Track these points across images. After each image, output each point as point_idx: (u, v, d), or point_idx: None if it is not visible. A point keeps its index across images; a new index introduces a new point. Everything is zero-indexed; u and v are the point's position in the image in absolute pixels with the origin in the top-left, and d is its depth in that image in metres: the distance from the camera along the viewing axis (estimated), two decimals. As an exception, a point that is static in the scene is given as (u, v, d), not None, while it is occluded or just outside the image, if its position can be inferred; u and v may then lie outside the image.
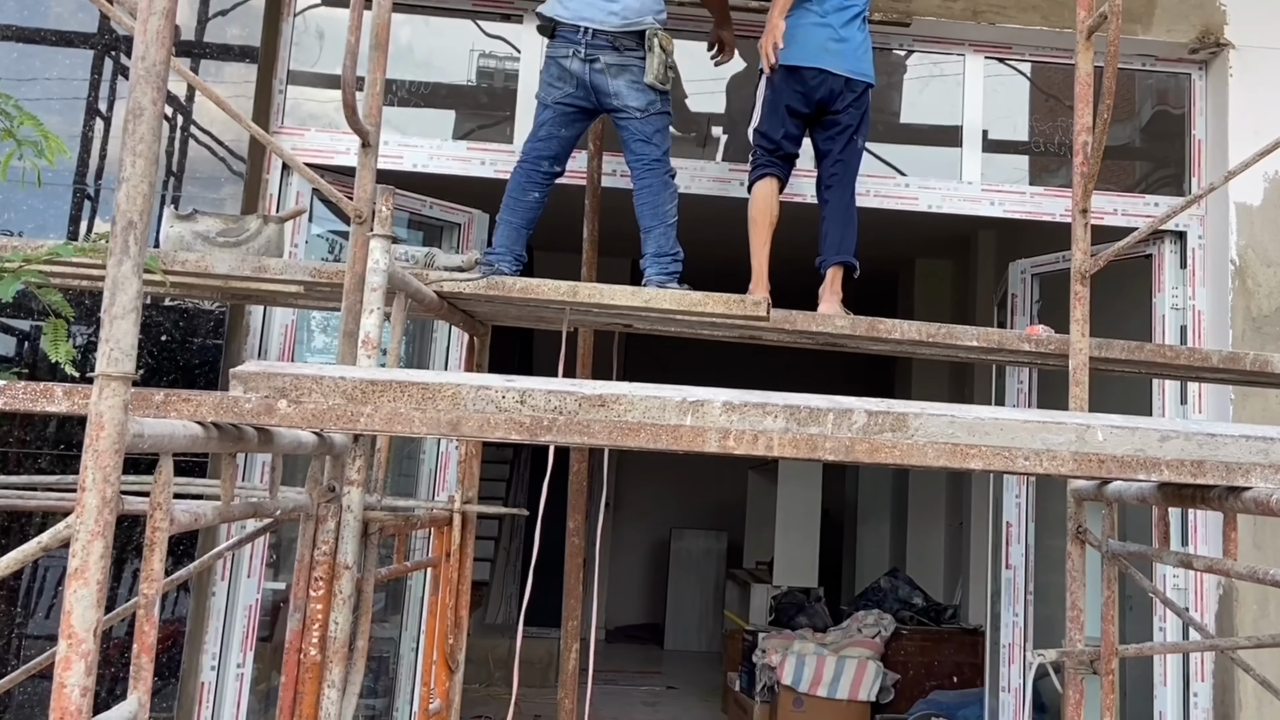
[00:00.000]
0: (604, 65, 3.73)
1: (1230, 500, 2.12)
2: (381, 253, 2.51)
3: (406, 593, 4.42)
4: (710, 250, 4.96)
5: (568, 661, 4.39)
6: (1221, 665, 4.25)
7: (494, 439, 1.87)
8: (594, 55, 3.73)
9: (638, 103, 3.74)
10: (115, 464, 1.42)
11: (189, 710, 3.87)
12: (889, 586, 7.84)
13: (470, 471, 3.60)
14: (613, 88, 3.73)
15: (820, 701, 6.31)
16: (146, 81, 1.46)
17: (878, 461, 1.96)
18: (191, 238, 3.22)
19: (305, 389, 1.78)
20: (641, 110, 3.75)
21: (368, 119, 2.77)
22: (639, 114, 3.75)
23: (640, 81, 3.74)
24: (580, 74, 3.74)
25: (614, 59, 3.73)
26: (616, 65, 3.73)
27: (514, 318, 3.77)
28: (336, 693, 2.33)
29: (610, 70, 3.73)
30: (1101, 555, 2.82)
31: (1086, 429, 2.02)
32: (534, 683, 7.37)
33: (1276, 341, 4.36)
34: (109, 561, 1.44)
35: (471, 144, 4.48)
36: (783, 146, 4.00)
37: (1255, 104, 4.53)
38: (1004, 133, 5.03)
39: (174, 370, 3.94)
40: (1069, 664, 2.89)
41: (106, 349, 1.41)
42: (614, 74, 3.73)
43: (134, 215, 1.43)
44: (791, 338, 3.78)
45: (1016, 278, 5.15)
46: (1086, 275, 3.31)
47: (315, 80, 4.49)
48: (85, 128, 4.05)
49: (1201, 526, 4.40)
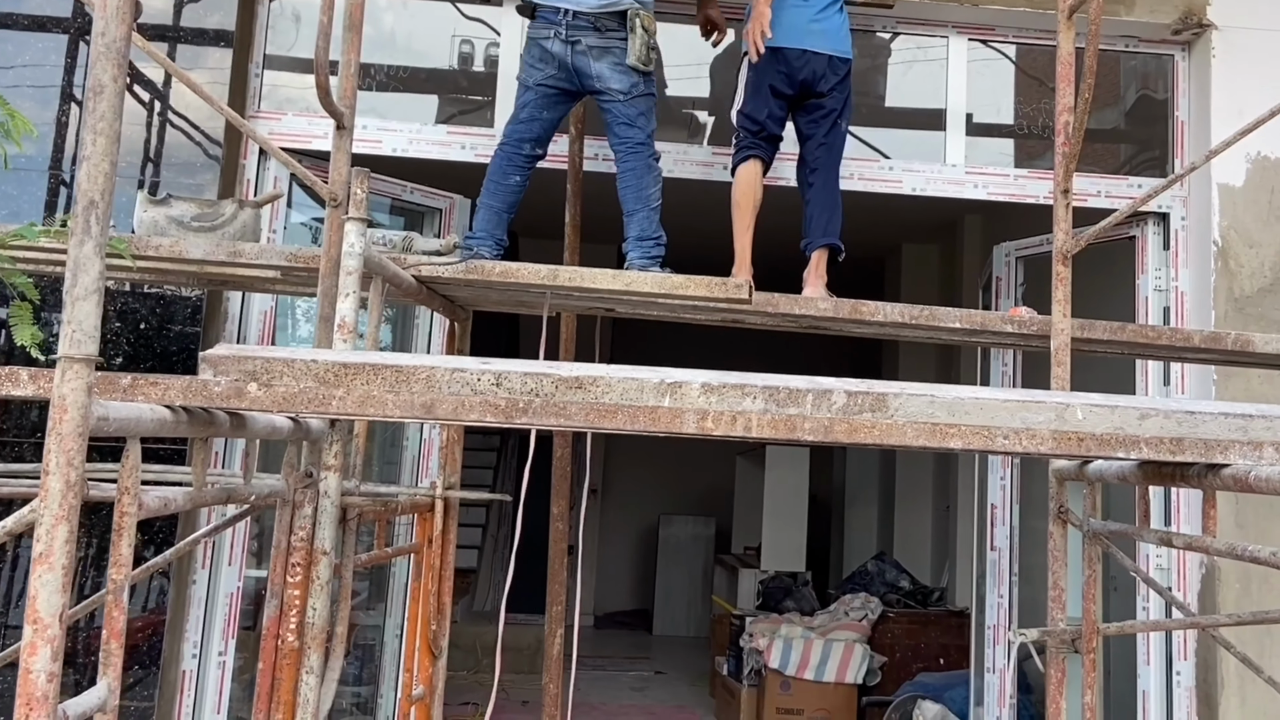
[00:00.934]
0: (585, 47, 3.69)
1: (1209, 478, 2.12)
2: (357, 236, 2.49)
3: (390, 580, 4.41)
4: (694, 235, 4.95)
5: (552, 647, 4.38)
6: (1204, 643, 4.27)
7: (469, 422, 1.86)
8: (575, 37, 3.68)
9: (620, 85, 3.71)
10: (79, 447, 1.40)
11: (170, 699, 3.85)
12: (876, 570, 7.86)
13: (452, 457, 3.59)
14: (595, 70, 3.69)
15: (807, 684, 6.32)
16: (107, 58, 1.43)
17: (857, 442, 1.95)
18: (166, 223, 3.19)
19: (276, 372, 1.76)
20: (624, 93, 3.71)
21: (342, 100, 2.74)
22: (622, 96, 3.71)
23: (623, 63, 3.69)
24: (561, 55, 3.70)
25: (595, 40, 3.69)
26: (598, 47, 3.69)
27: (494, 302, 3.75)
28: (315, 679, 2.32)
29: (592, 52, 3.69)
30: (1083, 535, 2.82)
31: (1066, 408, 2.01)
32: (522, 669, 7.37)
33: (1259, 322, 4.36)
34: (74, 546, 1.42)
35: (452, 128, 4.45)
36: (766, 128, 3.98)
37: (1237, 85, 4.52)
38: (988, 116, 5.02)
39: (151, 357, 3.91)
40: (1051, 643, 2.89)
41: (69, 331, 1.39)
42: (596, 56, 3.69)
43: (95, 195, 1.41)
44: (774, 321, 3.77)
45: (1001, 260, 5.15)
46: (1068, 256, 3.30)
47: (291, 64, 4.46)
48: (60, 113, 4.01)
49: (1184, 506, 4.41)
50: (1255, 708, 4.12)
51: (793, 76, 3.95)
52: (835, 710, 6.33)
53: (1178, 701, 4.34)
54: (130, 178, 3.98)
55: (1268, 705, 4.04)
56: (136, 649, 3.76)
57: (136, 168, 4.04)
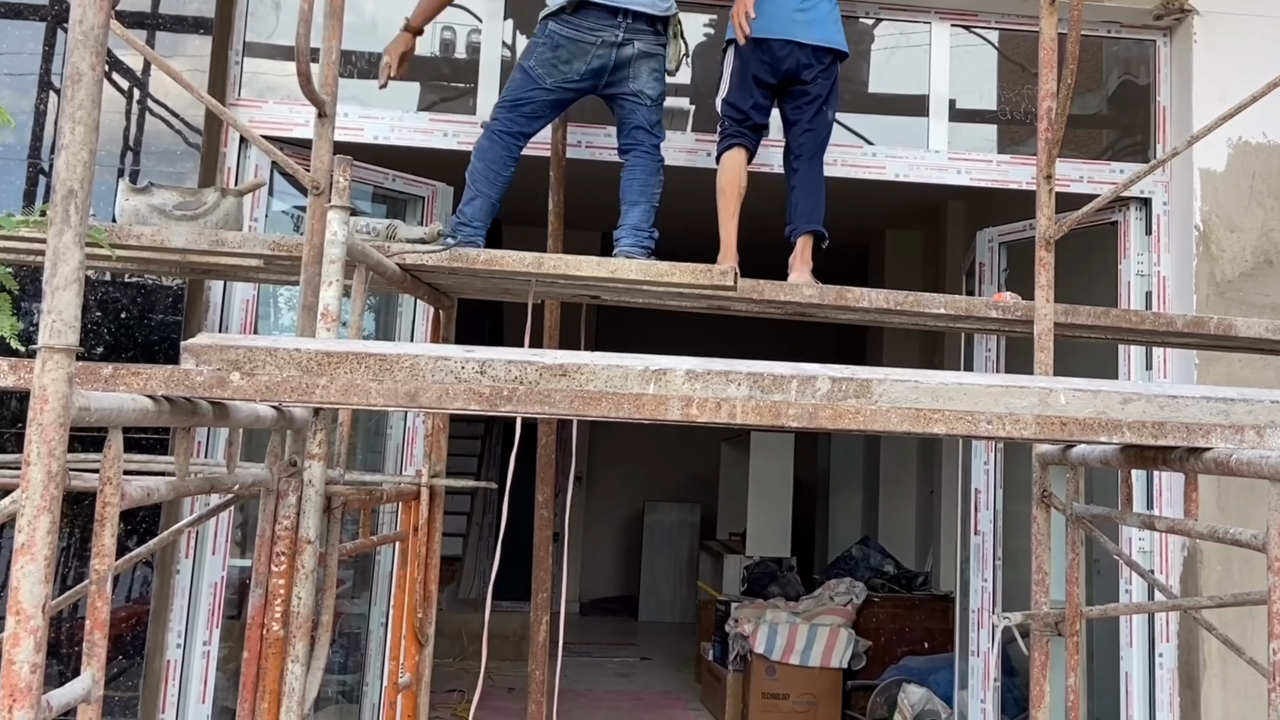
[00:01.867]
0: (636, 50, 3.68)
1: (1191, 461, 2.13)
2: (340, 224, 2.48)
3: (375, 568, 4.40)
4: (678, 222, 4.94)
5: (538, 634, 4.39)
6: (1186, 626, 4.30)
7: (453, 410, 1.86)
8: (630, 39, 3.67)
9: (653, 90, 3.75)
10: (60, 438, 1.39)
11: (155, 689, 3.85)
12: (861, 555, 7.89)
13: (437, 445, 3.58)
14: (632, 70, 3.69)
15: (793, 669, 6.35)
16: (85, 46, 1.42)
17: (842, 428, 1.95)
18: (147, 211, 3.17)
19: (259, 361, 1.76)
20: (654, 99, 3.75)
21: (324, 88, 2.72)
22: (650, 101, 3.74)
23: (661, 70, 3.73)
24: (606, 57, 3.65)
25: (648, 45, 3.71)
26: (647, 52, 3.71)
27: (479, 290, 3.74)
28: (300, 668, 2.31)
29: (640, 56, 3.69)
30: (1066, 519, 2.83)
31: (1049, 392, 2.02)
32: (508, 656, 7.38)
33: (1240, 306, 4.38)
34: (56, 537, 1.42)
35: (434, 116, 4.43)
36: (751, 117, 3.98)
37: (1219, 70, 4.54)
38: (971, 102, 5.02)
39: (133, 347, 3.89)
40: (1035, 627, 2.91)
41: (49, 321, 1.38)
42: (642, 59, 3.69)
43: (74, 184, 1.40)
44: (759, 307, 3.77)
45: (984, 246, 5.16)
46: (1051, 241, 3.31)
47: (272, 52, 4.42)
48: (38, 101, 3.98)
49: (1166, 490, 4.44)
50: (1237, 688, 4.15)
51: (776, 66, 3.94)
52: (820, 694, 6.36)
53: (1160, 683, 4.37)
54: (110, 166, 3.96)
55: (1249, 686, 4.08)
56: (121, 639, 3.75)
57: (116, 156, 4.01)
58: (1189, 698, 4.28)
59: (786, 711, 6.33)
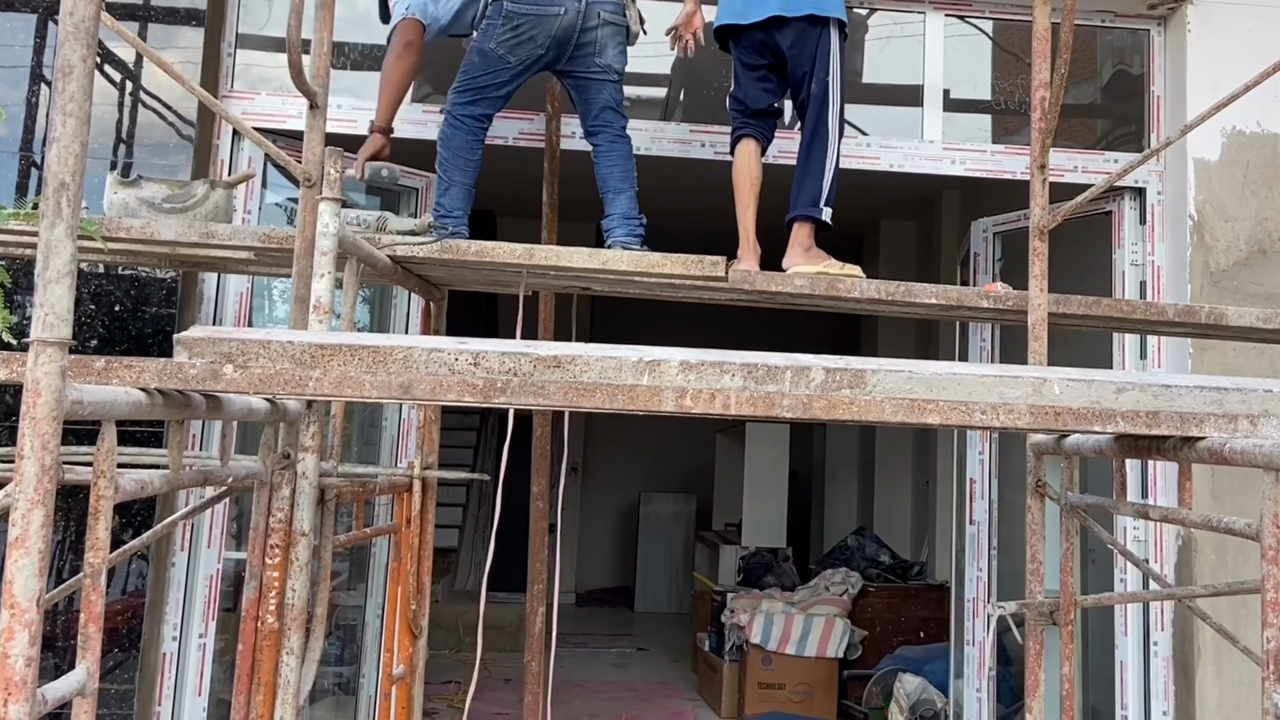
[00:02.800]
0: (600, 21, 3.65)
1: (1185, 450, 2.13)
2: (331, 216, 2.47)
3: (370, 560, 4.40)
4: (670, 213, 4.94)
5: (534, 625, 4.39)
6: (1181, 614, 4.31)
7: (447, 402, 1.85)
8: (596, 10, 3.65)
9: (620, 65, 3.72)
10: (54, 431, 1.39)
11: (151, 681, 3.85)
12: (856, 545, 7.90)
13: (430, 437, 3.58)
14: (598, 45, 3.66)
15: (789, 659, 6.37)
16: (75, 38, 1.41)
17: (836, 418, 1.95)
18: (137, 204, 3.16)
19: (252, 354, 1.75)
20: (619, 74, 3.73)
21: (315, 80, 2.71)
22: (617, 77, 3.72)
23: (624, 42, 3.70)
24: (570, 28, 3.62)
25: (611, 16, 3.68)
26: (612, 24, 3.68)
27: (471, 282, 3.73)
28: (295, 660, 2.32)
29: (605, 28, 3.66)
30: (1060, 508, 2.84)
31: (1043, 382, 2.02)
32: (504, 647, 7.39)
33: (1234, 295, 4.39)
34: (50, 531, 1.42)
35: (427, 107, 4.41)
36: (748, 104, 3.91)
37: (1213, 60, 4.53)
38: (966, 92, 5.02)
39: (126, 340, 3.88)
40: (1030, 616, 2.92)
41: (41, 314, 1.38)
42: (606, 30, 3.67)
43: (66, 176, 1.40)
44: (751, 298, 3.77)
45: (978, 236, 5.16)
46: (1045, 231, 3.31)
47: (265, 43, 4.41)
48: (29, 94, 3.96)
49: (1161, 479, 4.45)
50: (1231, 677, 4.17)
51: (756, 48, 3.87)
52: (816, 684, 6.38)
53: (1155, 672, 4.39)
54: (102, 159, 3.94)
55: (1243, 674, 4.09)
56: (116, 632, 3.75)
57: (109, 149, 4.00)
58: (1184, 686, 4.29)
59: (783, 701, 6.34)
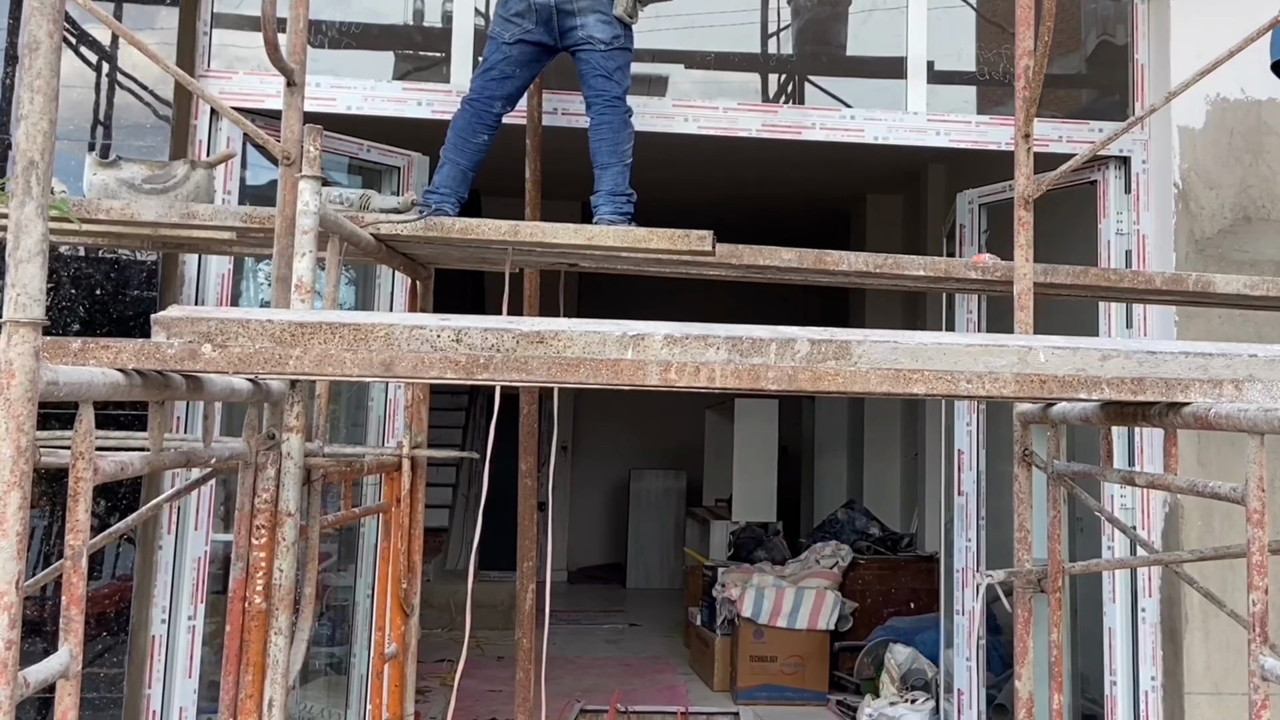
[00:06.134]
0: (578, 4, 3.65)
1: (1170, 416, 2.13)
2: (311, 194, 2.45)
3: (360, 540, 4.40)
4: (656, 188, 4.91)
5: (524, 603, 4.40)
6: (1168, 580, 4.34)
7: (429, 379, 1.84)
8: None
9: (603, 35, 3.68)
10: (29, 412, 1.38)
11: (140, 665, 3.84)
12: (846, 518, 7.93)
13: (418, 416, 3.57)
14: (579, 19, 3.66)
15: (780, 632, 6.40)
16: (41, 13, 1.40)
17: (822, 390, 1.95)
18: (116, 185, 3.13)
19: (231, 333, 1.74)
20: (605, 43, 3.69)
21: (292, 57, 2.68)
22: (603, 46, 3.69)
23: (609, 14, 3.68)
24: (546, 5, 3.65)
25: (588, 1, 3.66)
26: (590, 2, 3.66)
27: (456, 260, 3.71)
28: (284, 640, 2.31)
29: (581, 2, 3.65)
30: (1047, 477, 2.84)
31: (1028, 350, 2.02)
32: (497, 625, 7.41)
33: (1219, 263, 4.39)
34: (28, 513, 1.41)
35: (407, 85, 4.38)
36: None
37: (1197, 28, 4.52)
38: (950, 63, 5.00)
39: (108, 324, 3.85)
40: (1017, 584, 2.92)
41: (13, 295, 1.37)
42: (583, 3, 3.66)
43: (35, 154, 1.38)
44: (738, 272, 3.76)
45: (964, 208, 5.16)
46: (1029, 200, 3.30)
47: (241, 22, 4.36)
48: (5, 75, 3.92)
49: (1147, 446, 4.46)
50: (1218, 641, 4.20)
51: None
52: (808, 656, 6.41)
53: (1143, 637, 4.41)
54: (80, 141, 3.90)
55: (1230, 638, 4.12)
56: (105, 616, 3.74)
57: (86, 130, 3.96)
58: (1171, 651, 4.32)
59: (774, 674, 6.37)
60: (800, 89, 5.07)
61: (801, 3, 5.03)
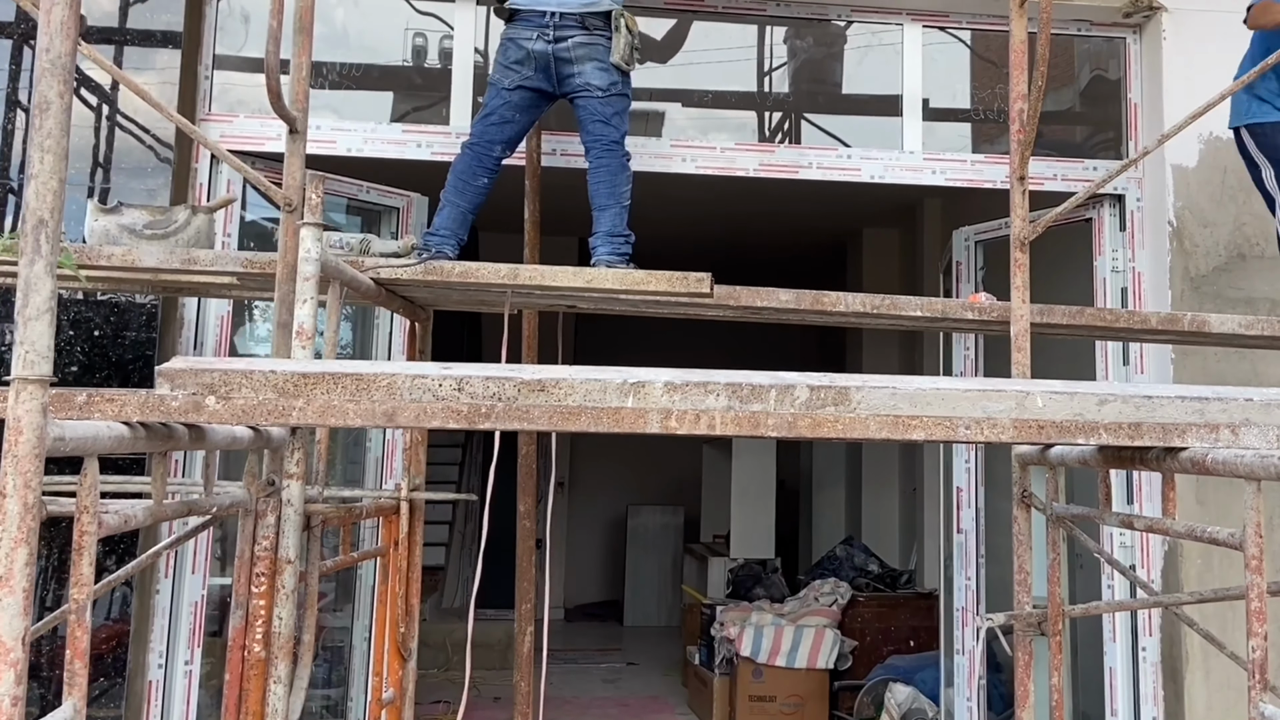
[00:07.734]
0: (571, 44, 3.72)
1: (1168, 461, 2.14)
2: (313, 241, 2.46)
3: (357, 582, 4.38)
4: (652, 226, 4.94)
5: (522, 645, 4.38)
6: (1168, 620, 4.33)
7: (432, 427, 1.85)
8: (562, 35, 3.72)
9: (600, 81, 3.73)
10: (36, 469, 1.38)
11: (137, 709, 3.81)
12: (845, 555, 7.91)
13: (416, 458, 3.57)
14: (577, 67, 3.72)
15: (779, 671, 6.36)
16: (52, 74, 1.41)
17: (821, 436, 1.96)
18: (118, 231, 3.14)
19: (234, 384, 1.74)
20: (603, 89, 3.74)
21: (294, 105, 2.71)
22: (600, 93, 3.74)
23: (606, 61, 3.73)
24: (544, 54, 3.72)
25: (583, 38, 3.73)
26: (584, 44, 3.73)
27: (455, 302, 3.73)
28: (283, 689, 2.30)
29: (577, 49, 3.72)
30: (1046, 518, 2.85)
31: (1026, 396, 2.03)
32: (494, 665, 7.36)
33: (1214, 300, 4.42)
34: (34, 569, 1.41)
35: (407, 126, 4.41)
36: None
37: (1189, 66, 4.57)
38: (945, 101, 5.04)
39: (106, 366, 3.85)
40: (1017, 627, 2.92)
41: (22, 352, 1.38)
42: (581, 54, 3.72)
43: (45, 213, 1.39)
44: (736, 314, 3.77)
45: (960, 245, 5.18)
46: (1026, 242, 3.33)
47: (242, 64, 4.40)
48: (5, 120, 3.94)
49: (1146, 485, 4.46)
50: (1219, 681, 4.18)
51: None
52: (808, 696, 6.37)
53: (1144, 676, 4.40)
54: (80, 184, 3.92)
55: (1231, 678, 4.11)
56: (101, 659, 3.72)
57: (86, 174, 3.98)
58: (1172, 690, 4.31)
59: (774, 714, 6.33)
60: (797, 126, 5.11)
61: (798, 42, 5.08)
